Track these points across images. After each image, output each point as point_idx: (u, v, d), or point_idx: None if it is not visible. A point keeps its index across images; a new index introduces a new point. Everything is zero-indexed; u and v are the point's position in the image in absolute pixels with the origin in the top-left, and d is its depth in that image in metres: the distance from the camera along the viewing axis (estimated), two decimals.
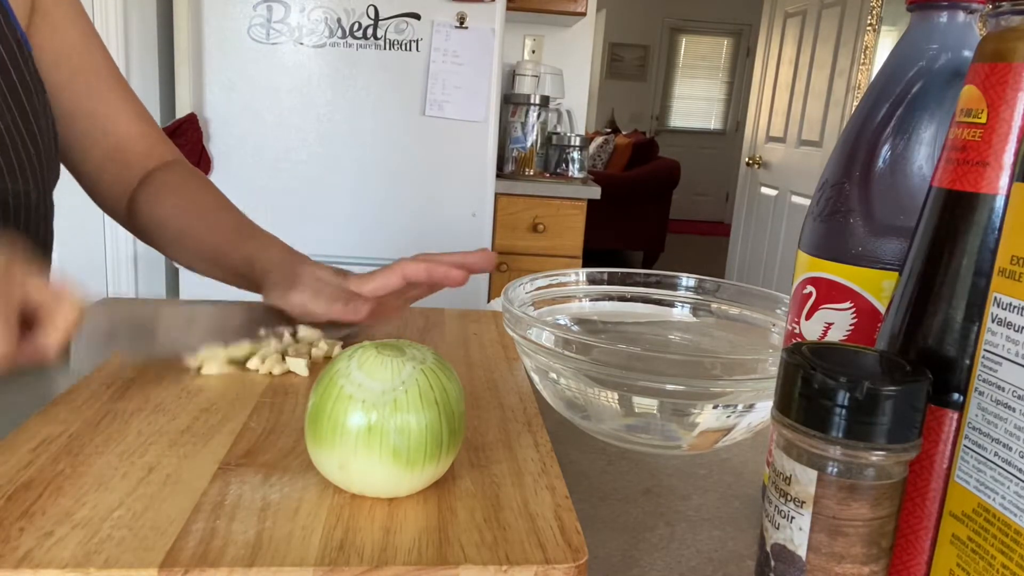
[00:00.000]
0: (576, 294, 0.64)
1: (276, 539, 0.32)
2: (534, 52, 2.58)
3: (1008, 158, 0.28)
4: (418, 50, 1.87)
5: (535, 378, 0.54)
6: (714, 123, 7.62)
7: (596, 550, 0.40)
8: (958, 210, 0.30)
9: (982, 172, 0.29)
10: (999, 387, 0.28)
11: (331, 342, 0.56)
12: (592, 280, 0.65)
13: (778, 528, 0.30)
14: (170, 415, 0.43)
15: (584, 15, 2.35)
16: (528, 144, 2.39)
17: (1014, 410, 0.27)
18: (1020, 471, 0.27)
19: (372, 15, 1.84)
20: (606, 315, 0.65)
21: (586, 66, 2.62)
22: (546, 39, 2.58)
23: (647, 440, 0.51)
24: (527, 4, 2.27)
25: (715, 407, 0.48)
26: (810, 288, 0.41)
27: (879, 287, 0.38)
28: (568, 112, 2.60)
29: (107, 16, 1.86)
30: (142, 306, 0.76)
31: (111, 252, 2.00)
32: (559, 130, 2.55)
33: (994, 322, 0.28)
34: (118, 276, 2.01)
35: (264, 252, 0.65)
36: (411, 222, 1.95)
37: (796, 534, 0.30)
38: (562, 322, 0.63)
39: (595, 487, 0.47)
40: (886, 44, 2.66)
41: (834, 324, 0.39)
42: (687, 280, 0.65)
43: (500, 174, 2.23)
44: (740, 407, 0.48)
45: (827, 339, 0.40)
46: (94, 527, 0.32)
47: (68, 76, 0.72)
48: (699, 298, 0.64)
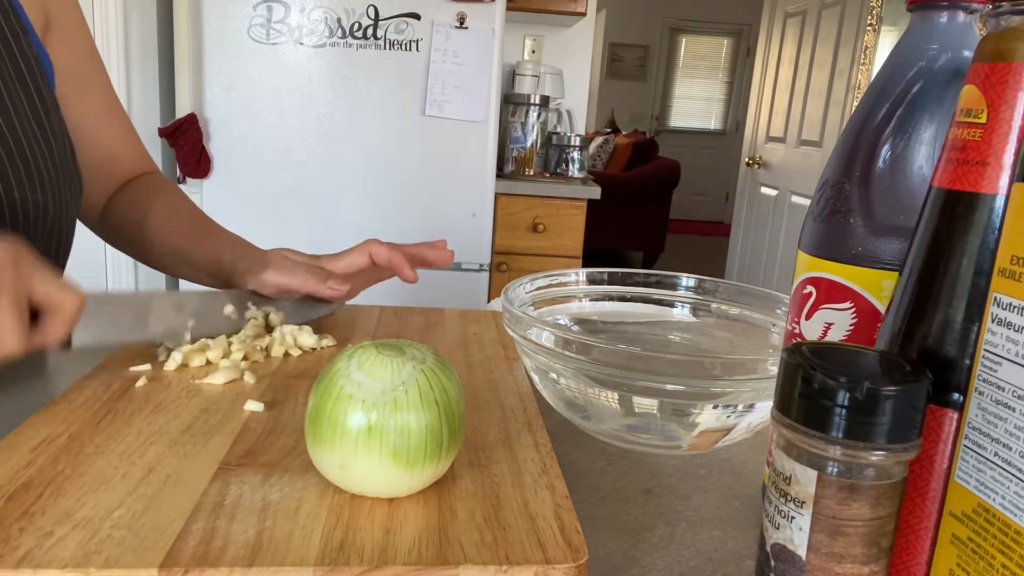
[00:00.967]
0: (576, 294, 0.64)
1: (276, 539, 0.32)
2: (534, 52, 2.57)
3: (1008, 158, 0.28)
4: (418, 50, 1.87)
5: (535, 378, 0.54)
6: (714, 123, 7.61)
7: (596, 550, 0.40)
8: (958, 210, 0.30)
9: (982, 172, 0.29)
10: (999, 387, 0.28)
11: (301, 328, 0.58)
12: (592, 280, 0.65)
13: (778, 528, 0.30)
14: (170, 415, 0.43)
15: (584, 15, 2.35)
16: (528, 144, 2.39)
17: (1014, 410, 0.27)
18: (1020, 471, 0.27)
19: (372, 15, 1.84)
20: (606, 315, 0.65)
21: (586, 66, 2.62)
22: (546, 39, 2.58)
23: (647, 440, 0.51)
24: (527, 4, 2.27)
25: (715, 407, 0.48)
26: (810, 288, 0.41)
27: (879, 287, 0.38)
28: (568, 112, 2.60)
29: (107, 16, 1.86)
30: (114, 296, 0.77)
31: (111, 252, 2.00)
32: (559, 130, 2.55)
33: (994, 322, 0.28)
34: (118, 276, 2.01)
35: (230, 247, 0.69)
36: (411, 222, 1.95)
37: (796, 534, 0.30)
38: (562, 322, 0.63)
39: (595, 487, 0.47)
40: (886, 44, 2.66)
41: (834, 324, 0.39)
42: (687, 280, 0.65)
43: (500, 174, 2.23)
44: (740, 407, 0.48)
45: (827, 339, 0.40)
46: (94, 527, 0.32)
47: (71, 91, 0.73)
48: (699, 298, 0.64)
